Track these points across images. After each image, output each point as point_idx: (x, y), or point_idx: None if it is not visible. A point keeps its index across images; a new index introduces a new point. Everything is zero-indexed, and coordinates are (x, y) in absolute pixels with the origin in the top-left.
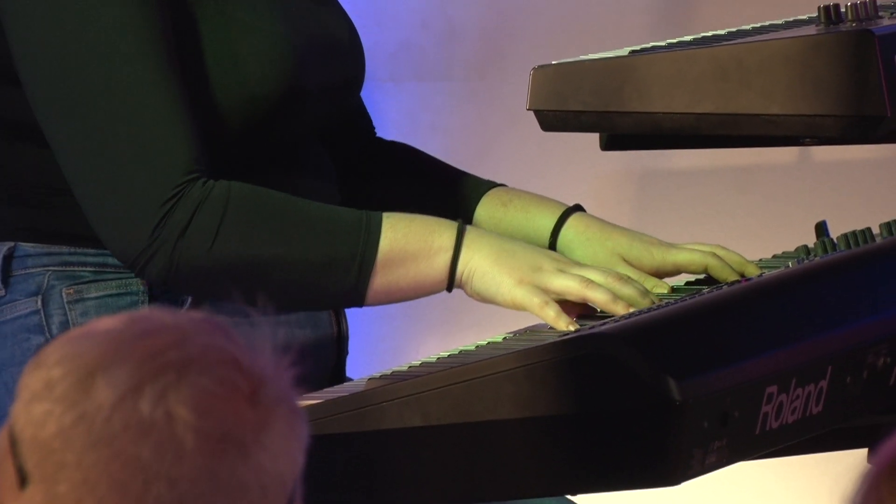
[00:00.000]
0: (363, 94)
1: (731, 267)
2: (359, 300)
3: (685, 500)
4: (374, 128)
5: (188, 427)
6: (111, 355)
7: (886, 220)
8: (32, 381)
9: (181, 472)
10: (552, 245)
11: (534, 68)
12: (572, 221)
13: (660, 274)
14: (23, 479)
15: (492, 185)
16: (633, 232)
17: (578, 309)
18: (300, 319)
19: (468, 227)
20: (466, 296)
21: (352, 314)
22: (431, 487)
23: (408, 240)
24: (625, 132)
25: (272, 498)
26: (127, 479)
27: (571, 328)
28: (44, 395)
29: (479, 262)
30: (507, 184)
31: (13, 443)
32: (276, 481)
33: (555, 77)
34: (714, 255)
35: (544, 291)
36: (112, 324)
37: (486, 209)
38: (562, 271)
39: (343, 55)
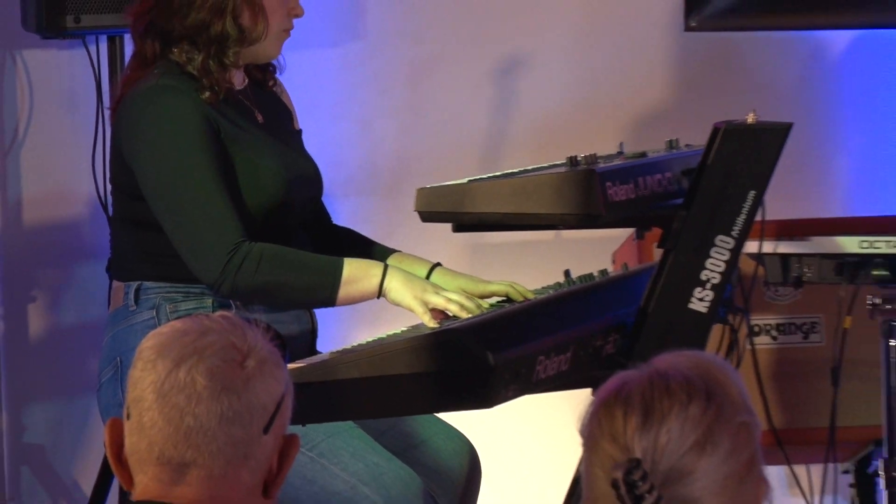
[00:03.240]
0: (329, 202)
1: (520, 293)
2: (331, 304)
3: (498, 416)
4: (331, 219)
5: (204, 386)
6: (166, 349)
7: (601, 268)
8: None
9: (200, 410)
10: None
11: (418, 189)
12: (436, 271)
13: (483, 296)
14: (128, 416)
15: (394, 251)
16: (469, 275)
17: (442, 314)
18: (292, 320)
19: (389, 266)
20: (385, 306)
21: (320, 317)
22: (362, 409)
23: (357, 272)
24: (466, 223)
25: (257, 417)
26: (171, 414)
27: (437, 324)
28: (135, 368)
29: (394, 284)
30: (403, 250)
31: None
32: (260, 408)
33: (430, 193)
34: (512, 286)
35: (426, 304)
36: (169, 328)
37: (392, 264)
38: (436, 293)
39: (311, 182)
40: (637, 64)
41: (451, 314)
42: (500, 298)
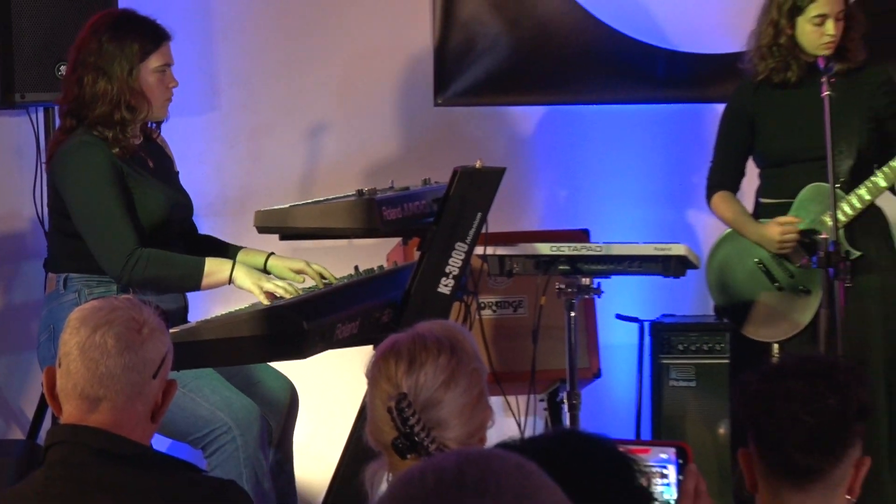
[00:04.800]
0: (197, 220)
1: (327, 278)
2: (197, 290)
3: (310, 364)
4: (198, 231)
5: (112, 346)
6: (86, 319)
7: (379, 265)
8: (65, 327)
9: (109, 362)
10: (264, 270)
11: (256, 211)
12: (271, 259)
13: (302, 271)
14: (59, 365)
15: (241, 247)
16: (295, 258)
17: (273, 297)
18: (171, 301)
19: (236, 263)
20: (234, 292)
21: (190, 298)
22: (218, 359)
23: (214, 268)
24: (289, 234)
25: (148, 368)
26: (89, 364)
27: (269, 302)
28: (65, 333)
29: (239, 275)
30: (247, 246)
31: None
32: (151, 361)
33: (264, 214)
34: (321, 273)
35: (261, 288)
36: (90, 305)
37: (240, 257)
38: (268, 281)
39: (185, 207)
40: (403, 128)
41: (278, 295)
42: (312, 284)
